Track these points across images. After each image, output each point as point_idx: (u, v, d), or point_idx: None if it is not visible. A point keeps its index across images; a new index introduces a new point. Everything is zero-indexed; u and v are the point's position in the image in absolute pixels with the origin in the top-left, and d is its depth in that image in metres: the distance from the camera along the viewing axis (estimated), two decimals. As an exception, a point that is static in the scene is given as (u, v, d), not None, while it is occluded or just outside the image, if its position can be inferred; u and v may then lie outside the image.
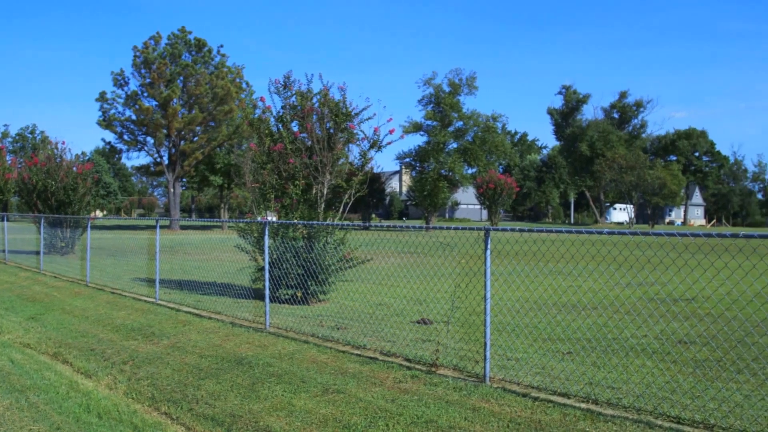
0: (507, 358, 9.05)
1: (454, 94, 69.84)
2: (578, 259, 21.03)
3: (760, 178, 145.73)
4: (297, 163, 14.25)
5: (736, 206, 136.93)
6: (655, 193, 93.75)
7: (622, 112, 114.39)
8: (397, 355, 9.23)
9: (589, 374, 8.15)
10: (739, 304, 13.12)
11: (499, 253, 21.59)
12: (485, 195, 64.60)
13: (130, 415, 6.92)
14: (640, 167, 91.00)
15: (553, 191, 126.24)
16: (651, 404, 6.88)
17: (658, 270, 18.65)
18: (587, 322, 11.77)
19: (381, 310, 13.29)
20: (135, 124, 63.18)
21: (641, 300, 14.47)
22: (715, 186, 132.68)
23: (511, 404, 6.95)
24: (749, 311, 12.42)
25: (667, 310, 13.06)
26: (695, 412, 6.61)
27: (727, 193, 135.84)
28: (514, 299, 14.39)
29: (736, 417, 6.45)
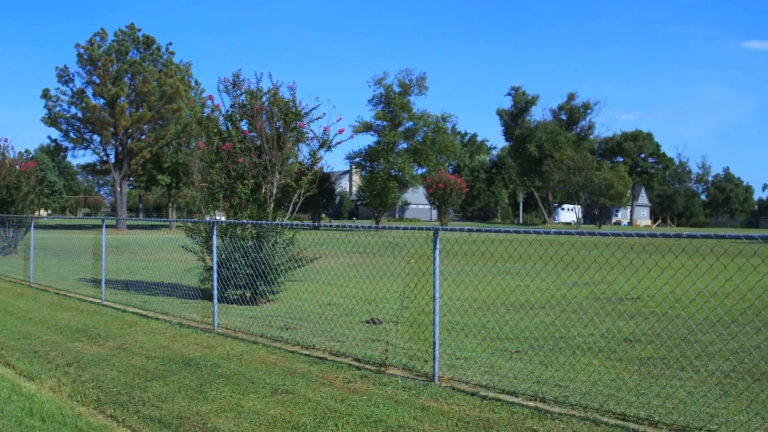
0: (456, 357, 9.10)
1: (404, 94, 70.04)
2: (526, 258, 21.26)
3: (704, 179, 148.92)
4: (246, 162, 14.15)
5: (681, 207, 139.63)
6: (602, 194, 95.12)
7: (570, 113, 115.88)
8: (346, 355, 9.22)
9: (536, 373, 8.23)
10: (682, 303, 13.38)
11: (448, 253, 21.70)
12: (435, 195, 64.85)
13: (75, 418, 6.80)
14: (587, 168, 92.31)
15: (502, 191, 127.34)
16: (597, 402, 6.97)
17: (604, 269, 18.89)
18: (535, 321, 11.90)
19: (330, 310, 13.26)
20: (81, 121, 62.10)
21: (588, 299, 14.68)
22: (660, 187, 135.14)
23: (460, 403, 6.99)
24: (692, 309, 12.67)
25: (613, 308, 13.26)
26: (640, 409, 6.71)
27: (672, 194, 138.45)
28: (463, 299, 14.47)
29: (680, 413, 6.57)
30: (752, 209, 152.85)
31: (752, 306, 12.99)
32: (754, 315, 12.03)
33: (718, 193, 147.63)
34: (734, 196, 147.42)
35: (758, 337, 10.32)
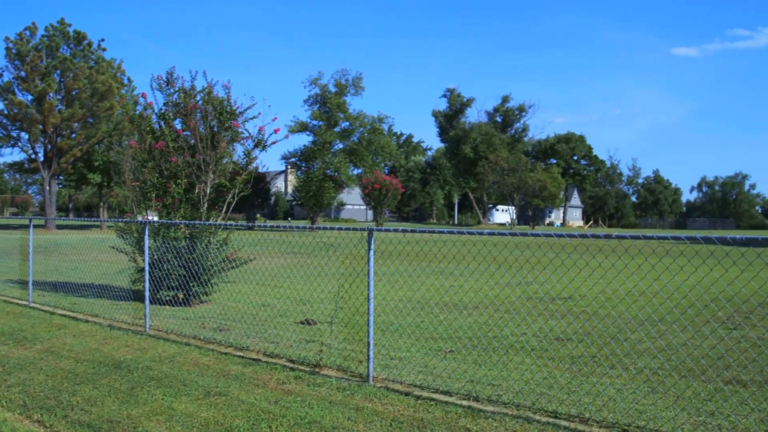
0: (390, 357, 9.11)
1: (340, 94, 70.05)
2: (459, 259, 21.42)
3: (634, 181, 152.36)
4: (179, 161, 13.96)
5: (612, 208, 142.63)
6: (535, 195, 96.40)
7: (504, 115, 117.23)
8: (280, 356, 9.16)
9: (470, 372, 8.29)
10: (611, 302, 13.64)
11: (382, 254, 21.76)
12: (371, 196, 64.94)
13: (0, 425, 6.62)
14: (521, 170, 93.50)
15: (437, 192, 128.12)
16: (530, 400, 7.05)
17: (536, 269, 19.19)
18: (468, 321, 12.00)
19: (265, 311, 13.17)
20: (7, 118, 60.42)
21: (520, 299, 14.86)
22: (592, 189, 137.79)
23: (394, 403, 7.00)
24: (621, 309, 12.93)
25: (545, 308, 13.45)
26: (571, 407, 6.81)
27: (604, 195, 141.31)
28: (398, 299, 14.52)
29: (609, 410, 6.69)
30: (681, 211, 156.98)
31: (678, 305, 13.31)
32: (680, 313, 12.34)
33: (648, 194, 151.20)
34: (663, 197, 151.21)
35: (684, 334, 10.58)
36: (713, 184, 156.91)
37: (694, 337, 10.37)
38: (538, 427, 6.24)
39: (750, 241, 6.00)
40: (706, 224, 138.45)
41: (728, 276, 16.46)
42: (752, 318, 12.32)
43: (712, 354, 9.22)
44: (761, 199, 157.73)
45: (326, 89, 70.01)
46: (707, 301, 13.77)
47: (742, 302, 13.81)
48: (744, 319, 12.15)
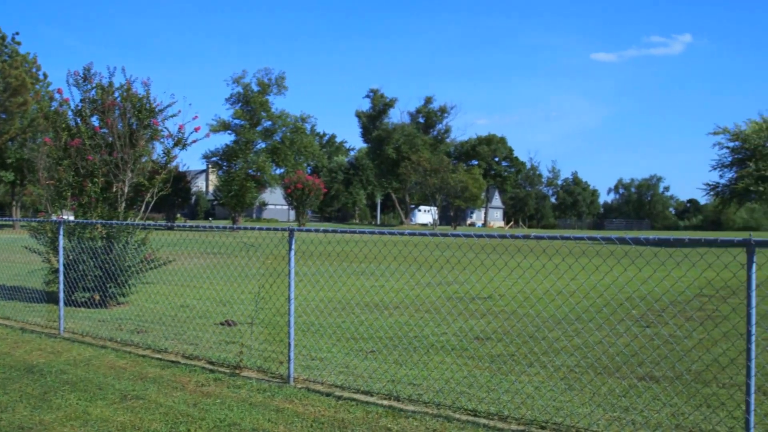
0: (311, 358, 9.09)
1: (263, 93, 69.52)
2: (380, 259, 21.50)
3: (554, 183, 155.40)
4: (96, 159, 13.65)
5: (532, 209, 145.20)
6: (457, 196, 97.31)
7: (427, 117, 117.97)
8: (200, 358, 9.05)
9: (391, 372, 8.33)
10: (530, 302, 13.88)
11: (303, 254, 21.69)
12: (293, 195, 64.63)
13: None
14: (443, 171, 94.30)
15: (360, 193, 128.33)
16: (450, 399, 7.12)
17: (456, 269, 19.38)
18: (389, 321, 12.04)
19: (184, 312, 12.98)
20: None
21: (441, 299, 14.99)
22: (513, 190, 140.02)
23: (315, 404, 6.98)
24: (539, 308, 13.16)
25: (465, 308, 13.60)
26: (490, 405, 6.90)
27: (524, 196, 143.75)
28: (318, 299, 14.49)
29: (528, 408, 6.81)
30: (598, 212, 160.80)
31: (594, 304, 13.62)
32: (596, 312, 12.63)
33: (567, 196, 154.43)
34: (582, 199, 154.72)
35: (600, 333, 10.83)
36: (629, 186, 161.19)
37: (609, 335, 10.63)
38: (458, 426, 6.29)
39: (662, 241, 6.17)
40: (622, 225, 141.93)
41: (641, 275, 16.94)
42: (664, 316, 12.69)
43: (626, 351, 9.46)
44: (675, 200, 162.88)
45: (249, 88, 69.39)
46: (622, 300, 14.13)
47: (654, 301, 14.21)
48: (656, 317, 12.50)
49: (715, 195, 58.64)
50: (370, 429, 6.24)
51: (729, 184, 56.14)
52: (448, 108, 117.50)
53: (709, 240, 5.78)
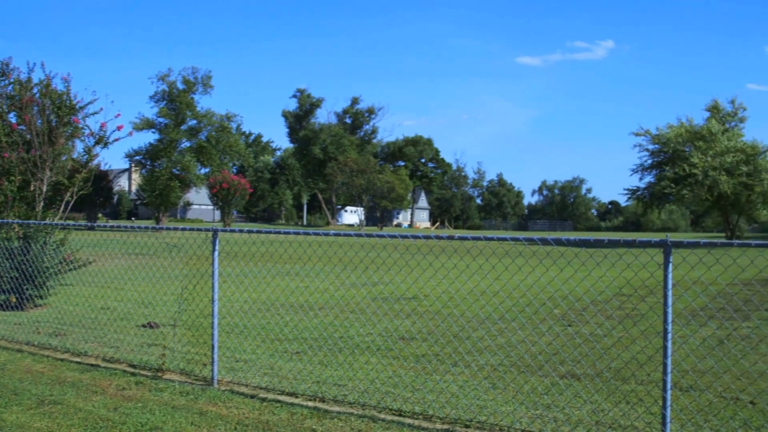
0: (236, 359, 9.00)
1: (188, 91, 68.47)
2: (305, 260, 21.43)
3: (479, 184, 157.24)
4: (13, 157, 13.26)
5: (458, 210, 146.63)
6: (384, 197, 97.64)
7: (354, 117, 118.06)
8: (121, 361, 8.87)
9: (316, 373, 8.30)
10: (454, 302, 14.00)
11: (227, 255, 21.45)
12: (218, 195, 63.92)
13: None
14: (370, 171, 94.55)
15: (286, 193, 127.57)
16: (375, 399, 7.14)
17: (381, 270, 19.43)
18: (315, 322, 12.01)
19: (105, 314, 12.70)
20: None
21: (366, 299, 15.01)
22: (439, 191, 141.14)
23: (239, 406, 6.91)
24: (463, 308, 13.30)
25: (390, 308, 13.65)
26: (415, 404, 6.94)
27: (450, 197, 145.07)
28: (243, 300, 14.35)
29: (452, 406, 6.87)
30: (523, 213, 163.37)
31: (517, 303, 13.81)
32: (519, 312, 12.81)
33: (492, 197, 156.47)
34: (507, 200, 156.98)
35: (523, 332, 10.99)
36: (553, 188, 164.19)
37: (532, 334, 10.80)
38: (383, 426, 6.31)
39: (582, 242, 6.30)
40: (546, 226, 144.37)
41: (563, 275, 17.25)
42: (585, 315, 12.96)
43: (548, 350, 9.63)
44: (596, 202, 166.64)
45: (174, 86, 68.25)
46: (544, 299, 14.37)
47: (575, 300, 14.50)
48: (577, 316, 12.76)
49: (636, 198, 60.16)
50: (294, 430, 6.21)
51: (648, 186, 57.66)
52: (375, 109, 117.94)
53: (628, 241, 5.92)
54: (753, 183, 53.04)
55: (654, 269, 7.54)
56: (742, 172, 52.58)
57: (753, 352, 9.57)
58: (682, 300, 14.37)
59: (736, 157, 52.40)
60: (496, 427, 6.29)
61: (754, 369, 8.53)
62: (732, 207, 56.92)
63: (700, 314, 12.82)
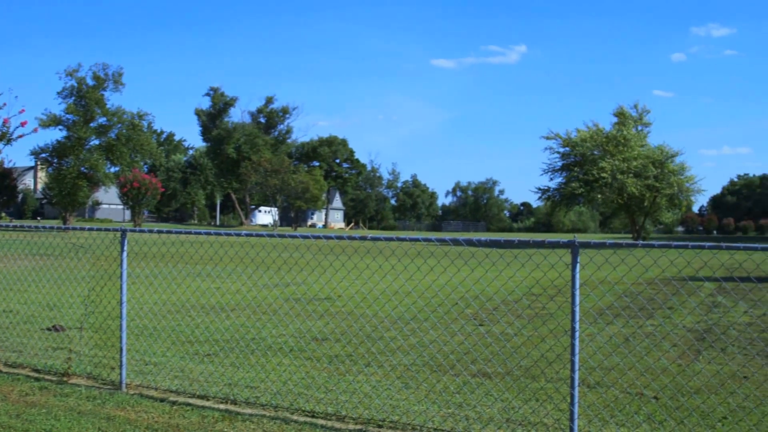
0: (145, 362, 8.83)
1: (98, 88, 66.79)
2: (217, 260, 21.17)
3: (394, 185, 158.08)
4: None
5: (373, 210, 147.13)
6: (298, 197, 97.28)
7: (268, 117, 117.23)
8: (24, 366, 8.59)
9: (228, 375, 8.22)
10: (367, 302, 14.04)
11: (137, 255, 20.99)
12: (129, 195, 62.62)
13: None
14: (284, 171, 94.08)
15: (199, 193, 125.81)
16: (288, 400, 7.11)
17: (294, 271, 19.36)
18: (226, 323, 11.87)
19: (7, 317, 12.27)
20: None
21: (278, 300, 14.91)
22: (353, 191, 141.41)
23: (149, 410, 6.78)
24: (376, 308, 13.35)
25: (303, 309, 13.60)
26: (328, 405, 6.95)
27: (365, 198, 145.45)
28: (153, 302, 14.08)
29: (365, 407, 6.89)
30: (437, 214, 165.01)
31: (429, 303, 13.95)
32: (431, 312, 12.94)
33: (407, 198, 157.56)
34: (421, 201, 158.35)
35: (435, 331, 11.10)
36: (467, 189, 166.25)
37: (444, 334, 10.92)
38: (295, 427, 6.29)
39: (493, 242, 6.40)
40: (459, 227, 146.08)
41: (474, 275, 17.48)
42: (496, 314, 13.17)
43: (460, 349, 9.74)
44: (509, 203, 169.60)
45: (84, 82, 66.44)
46: (455, 299, 14.54)
47: (486, 300, 14.73)
48: (489, 316, 12.97)
49: (546, 199, 61.53)
50: (205, 434, 6.14)
51: (558, 188, 59.10)
52: (290, 109, 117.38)
53: (537, 242, 6.05)
54: (660, 186, 55.03)
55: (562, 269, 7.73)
56: (650, 175, 54.50)
57: (656, 349, 9.89)
58: (590, 299, 14.74)
59: (644, 161, 54.30)
60: (408, 427, 6.34)
61: (657, 365, 8.82)
62: (639, 209, 58.86)
63: (607, 313, 13.18)
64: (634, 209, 58.84)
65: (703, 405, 7.07)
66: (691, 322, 12.50)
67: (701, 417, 6.69)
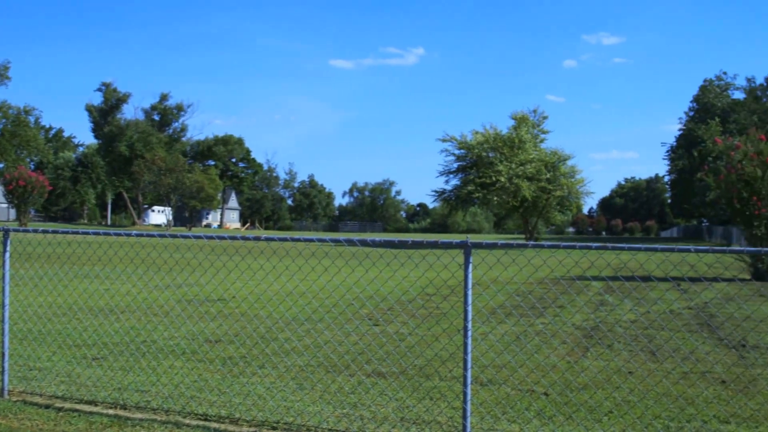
0: (29, 368, 8.51)
1: (-20, 82, 64.20)
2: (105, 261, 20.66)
3: (290, 185, 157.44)
4: None
5: (269, 210, 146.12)
6: (193, 197, 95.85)
7: (163, 114, 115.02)
8: None
9: (117, 379, 8.01)
10: (261, 303, 13.95)
11: (21, 256, 20.24)
12: (14, 193, 60.22)
13: None
14: (179, 170, 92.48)
15: (89, 191, 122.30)
16: (180, 404, 6.98)
17: (186, 271, 19.04)
18: (116, 326, 11.55)
19: None
20: None
21: (170, 302, 14.62)
22: (250, 191, 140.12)
23: (33, 417, 6.54)
24: (270, 309, 13.25)
25: (195, 310, 13.37)
26: (222, 408, 6.86)
27: (261, 198, 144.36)
28: (38, 305, 13.55)
29: (259, 409, 6.84)
30: (334, 214, 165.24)
31: (324, 304, 13.98)
32: (326, 312, 12.95)
33: (304, 198, 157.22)
34: (318, 201, 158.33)
35: (329, 332, 11.10)
36: (364, 190, 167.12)
37: (339, 334, 10.93)
38: (187, 431, 6.19)
39: (387, 243, 6.46)
40: (356, 227, 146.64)
41: (369, 276, 17.58)
42: (390, 314, 13.27)
43: (354, 349, 9.78)
44: (405, 204, 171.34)
45: (-37, 75, 63.88)
46: (350, 299, 14.59)
47: (381, 300, 14.82)
48: (383, 316, 13.05)
49: (442, 201, 62.39)
50: (92, 440, 5.97)
51: (454, 190, 60.02)
52: (185, 106, 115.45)
53: (431, 242, 6.13)
54: (552, 188, 56.68)
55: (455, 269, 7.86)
56: (543, 178, 56.06)
57: (546, 347, 10.17)
58: (482, 299, 15.02)
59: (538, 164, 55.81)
60: (303, 428, 6.33)
61: (547, 362, 9.06)
62: (531, 210, 60.42)
63: (498, 312, 13.46)
64: (528, 211, 60.35)
65: (590, 400, 7.30)
66: (579, 319, 12.89)
67: (588, 411, 6.91)
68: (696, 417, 6.76)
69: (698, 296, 16.56)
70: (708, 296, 16.61)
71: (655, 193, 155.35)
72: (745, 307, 14.73)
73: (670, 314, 13.73)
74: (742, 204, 21.25)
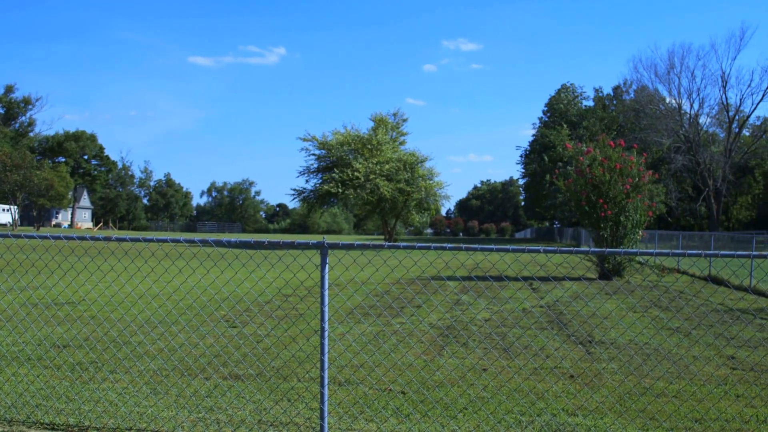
0: None
1: None
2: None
3: (146, 184, 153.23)
4: None
5: (124, 210, 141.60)
6: (41, 195, 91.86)
7: (8, 107, 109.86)
8: None
9: (-46, 389, 7.59)
10: (111, 306, 13.59)
11: None
12: None
13: None
14: (26, 167, 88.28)
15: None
16: (24, 413, 6.70)
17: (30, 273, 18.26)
18: (-45, 331, 10.96)
19: None
20: None
21: (13, 305, 13.93)
22: (103, 190, 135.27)
23: None
24: (121, 312, 12.90)
25: (41, 314, 12.83)
26: (70, 416, 6.63)
27: (115, 197, 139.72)
28: None
29: (110, 415, 6.65)
30: (191, 214, 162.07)
31: (178, 306, 13.72)
32: (180, 314, 12.73)
33: (160, 197, 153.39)
34: (175, 201, 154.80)
35: (184, 335, 10.90)
36: (222, 189, 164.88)
37: (194, 337, 10.75)
38: (31, 441, 5.96)
39: (243, 243, 6.40)
40: (215, 227, 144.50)
41: (224, 277, 17.35)
42: (246, 316, 13.15)
43: (210, 352, 9.64)
44: (265, 204, 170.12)
45: None
46: (206, 301, 14.38)
47: (236, 301, 14.67)
48: (239, 317, 12.92)
49: (302, 200, 62.28)
50: None
51: (314, 189, 60.07)
52: (33, 99, 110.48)
53: (288, 243, 6.11)
54: (411, 190, 57.70)
55: (312, 270, 7.89)
56: (401, 178, 56.98)
57: (403, 346, 10.35)
58: (339, 299, 15.12)
59: (396, 164, 56.67)
60: (156, 434, 6.20)
61: (403, 361, 9.23)
62: (390, 211, 61.26)
63: (355, 312, 13.59)
64: (387, 212, 61.15)
65: (445, 397, 7.50)
66: (435, 319, 13.17)
67: (444, 408, 7.09)
68: (546, 411, 7.06)
69: (548, 295, 17.28)
70: (557, 295, 17.36)
71: (509, 195, 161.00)
72: (591, 305, 15.49)
73: (522, 312, 14.27)
74: (590, 206, 22.27)
